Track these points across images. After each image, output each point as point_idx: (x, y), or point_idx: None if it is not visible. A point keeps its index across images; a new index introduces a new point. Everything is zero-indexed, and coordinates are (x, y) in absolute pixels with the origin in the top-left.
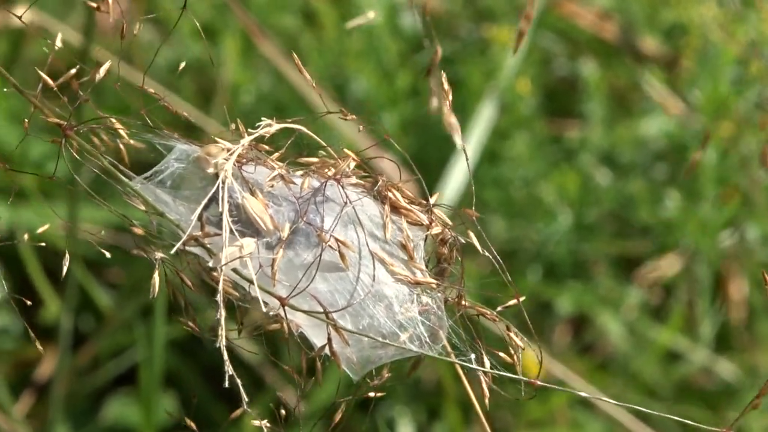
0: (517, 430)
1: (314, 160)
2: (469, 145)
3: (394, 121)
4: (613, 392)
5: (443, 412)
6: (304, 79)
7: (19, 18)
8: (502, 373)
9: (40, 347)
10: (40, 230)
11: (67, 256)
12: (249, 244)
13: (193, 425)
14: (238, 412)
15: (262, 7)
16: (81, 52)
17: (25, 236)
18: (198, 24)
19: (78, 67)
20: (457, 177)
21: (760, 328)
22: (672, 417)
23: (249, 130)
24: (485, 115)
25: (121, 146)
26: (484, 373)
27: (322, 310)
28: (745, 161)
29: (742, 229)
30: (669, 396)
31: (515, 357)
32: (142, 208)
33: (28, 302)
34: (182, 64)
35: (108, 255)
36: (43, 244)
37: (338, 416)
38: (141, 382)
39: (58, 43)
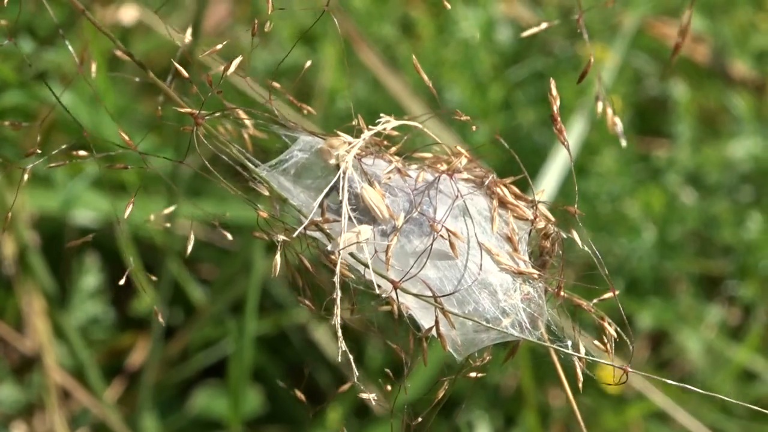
0: None
1: (428, 155)
2: (558, 158)
3: (486, 131)
4: (689, 408)
5: (521, 418)
6: (401, 86)
7: None
8: (596, 359)
9: (132, 336)
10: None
11: (165, 248)
12: (366, 230)
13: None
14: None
15: (362, 16)
16: (188, 50)
17: (122, 227)
18: (297, 29)
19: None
20: (548, 186)
21: None
22: None
23: (369, 126)
24: (575, 130)
25: (246, 136)
26: (579, 358)
27: (431, 295)
28: None
29: None
30: (744, 415)
31: (608, 345)
32: (266, 193)
33: (123, 293)
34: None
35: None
36: (140, 236)
37: (440, 394)
38: (231, 373)
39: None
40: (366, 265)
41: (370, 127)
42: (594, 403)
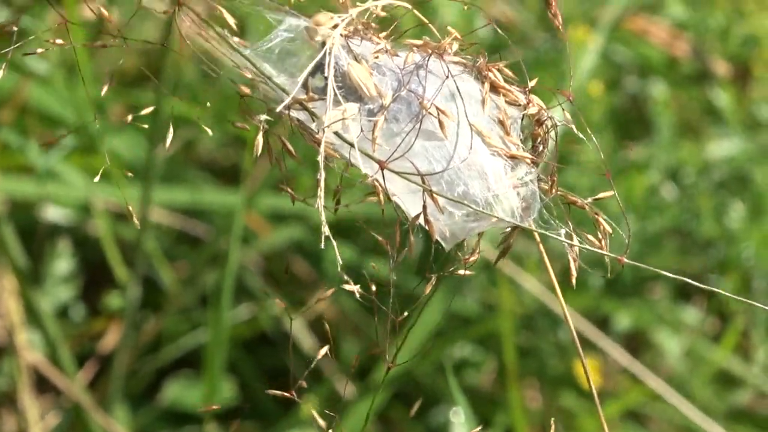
0: None
1: (418, 42)
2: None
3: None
4: (667, 412)
5: (496, 419)
6: None
7: None
8: (589, 248)
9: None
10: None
11: (139, 232)
12: (352, 107)
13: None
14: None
15: None
16: None
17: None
18: None
19: None
20: None
21: None
22: None
23: (357, 3)
24: (555, 115)
25: (229, 18)
26: (571, 248)
27: (418, 173)
28: None
29: None
30: (722, 419)
31: (603, 242)
32: (249, 76)
33: (95, 281)
34: None
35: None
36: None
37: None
38: (207, 359)
39: None
40: (351, 145)
41: (358, 3)
42: (571, 404)
